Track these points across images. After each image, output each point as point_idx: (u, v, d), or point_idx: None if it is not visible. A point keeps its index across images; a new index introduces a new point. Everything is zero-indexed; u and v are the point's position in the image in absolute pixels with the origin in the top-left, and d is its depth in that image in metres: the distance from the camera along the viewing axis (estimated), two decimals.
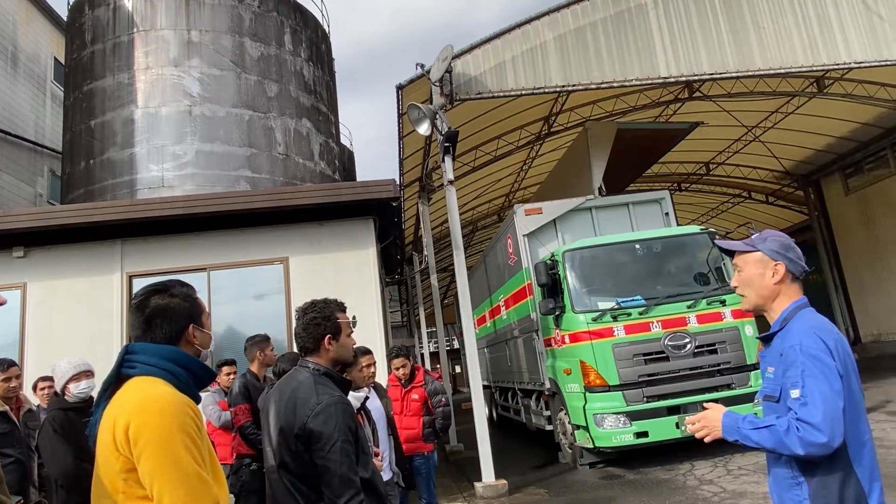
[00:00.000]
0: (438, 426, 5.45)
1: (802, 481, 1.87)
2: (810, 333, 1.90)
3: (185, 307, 1.89)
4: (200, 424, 1.70)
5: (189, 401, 1.70)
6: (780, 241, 2.07)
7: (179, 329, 1.85)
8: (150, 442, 1.57)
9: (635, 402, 7.67)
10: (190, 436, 1.61)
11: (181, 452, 1.58)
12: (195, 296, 1.95)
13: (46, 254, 7.86)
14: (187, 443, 1.60)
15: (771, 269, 2.03)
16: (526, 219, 9.71)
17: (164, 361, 1.76)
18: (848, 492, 1.83)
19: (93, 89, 12.15)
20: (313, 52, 13.93)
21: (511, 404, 12.31)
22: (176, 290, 1.91)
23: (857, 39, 10.41)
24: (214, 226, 8.04)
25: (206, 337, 1.95)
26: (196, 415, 1.69)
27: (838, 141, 18.04)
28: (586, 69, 9.87)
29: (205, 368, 1.89)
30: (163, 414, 1.61)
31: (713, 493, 6.27)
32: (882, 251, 18.43)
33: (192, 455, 1.59)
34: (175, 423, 1.60)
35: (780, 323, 2.01)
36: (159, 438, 1.57)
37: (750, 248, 2.08)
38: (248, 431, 4.70)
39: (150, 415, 1.60)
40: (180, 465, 1.57)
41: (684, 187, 21.99)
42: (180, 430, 1.60)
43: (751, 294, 2.08)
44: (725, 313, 8.00)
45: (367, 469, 2.32)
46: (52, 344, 7.27)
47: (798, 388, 1.85)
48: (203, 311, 1.95)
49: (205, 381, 1.89)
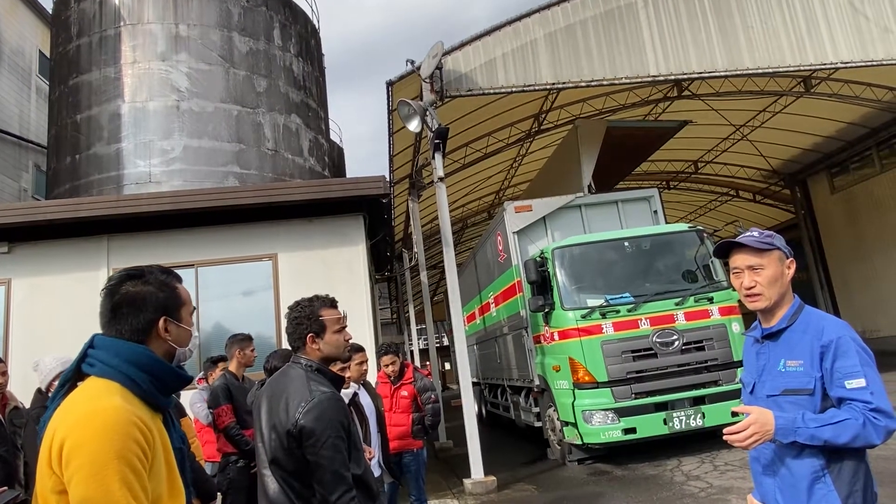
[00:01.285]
0: (428, 423, 5.45)
1: (827, 473, 1.88)
2: (845, 325, 1.94)
3: (159, 297, 1.65)
4: (149, 445, 1.47)
5: (140, 416, 1.47)
6: (781, 238, 2.10)
7: (148, 322, 1.62)
8: (81, 467, 1.38)
9: (623, 399, 7.72)
10: (129, 464, 1.40)
11: (114, 485, 1.37)
12: (174, 285, 1.71)
13: (31, 249, 7.76)
14: (124, 472, 1.39)
15: (787, 265, 2.05)
16: (516, 216, 9.73)
17: (125, 364, 1.55)
18: (868, 480, 1.89)
19: (79, 83, 12.01)
20: (302, 47, 13.85)
21: (500, 401, 12.34)
22: (151, 276, 1.67)
23: (844, 40, 10.52)
24: (202, 222, 7.98)
25: (184, 333, 1.70)
26: (146, 433, 1.46)
27: (825, 140, 18.24)
28: (576, 67, 9.89)
29: (173, 375, 1.65)
30: (101, 436, 1.40)
31: (700, 489, 6.33)
32: (867, 249, 18.66)
33: (127, 486, 1.38)
34: (112, 450, 1.39)
35: (788, 319, 2.01)
36: (92, 465, 1.37)
37: (769, 245, 2.03)
38: (233, 432, 4.67)
39: (86, 435, 1.40)
40: (111, 498, 1.37)
41: (673, 185, 22.14)
42: (117, 457, 1.39)
43: (772, 293, 2.01)
44: (713, 310, 8.06)
45: (360, 465, 2.32)
46: (37, 341, 7.18)
47: (860, 377, 1.85)
48: (183, 304, 1.71)
49: (173, 387, 1.67)
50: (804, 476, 1.90)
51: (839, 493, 1.85)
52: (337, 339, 2.47)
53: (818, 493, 1.88)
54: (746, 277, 2.05)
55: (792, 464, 1.94)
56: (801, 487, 1.91)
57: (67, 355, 3.86)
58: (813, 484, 1.89)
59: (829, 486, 1.86)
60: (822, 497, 1.87)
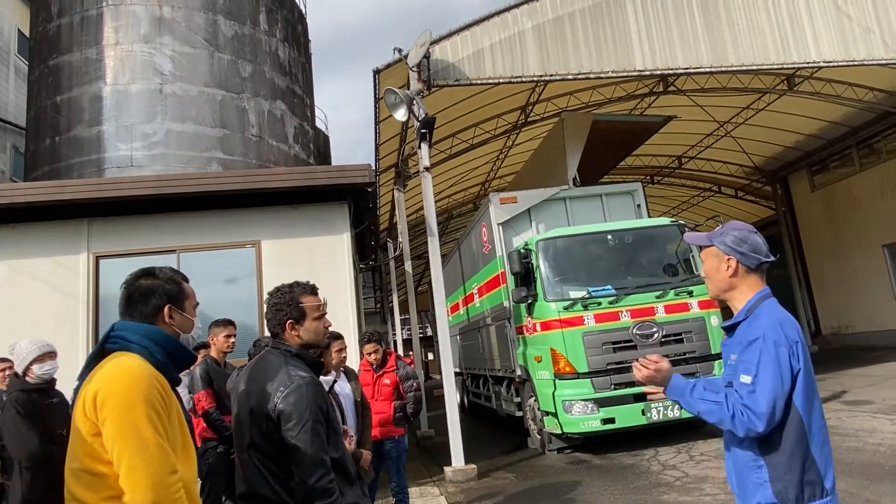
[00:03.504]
0: (410, 411, 5.48)
1: (763, 464, 1.95)
2: (775, 326, 1.97)
3: (165, 289, 1.99)
4: (168, 399, 1.78)
5: (158, 375, 1.79)
6: (734, 236, 2.11)
7: (155, 308, 1.95)
8: (114, 408, 1.67)
9: (603, 390, 7.82)
10: (154, 406, 1.70)
11: (142, 421, 1.66)
12: (181, 281, 2.06)
13: (10, 232, 7.64)
14: (149, 412, 1.68)
15: (724, 262, 2.11)
16: (501, 207, 9.76)
17: (143, 339, 1.86)
18: (808, 475, 1.91)
19: (59, 64, 11.78)
20: (289, 32, 13.70)
21: (482, 391, 12.43)
22: (161, 273, 2.03)
23: (827, 39, 10.66)
24: (185, 207, 7.90)
25: (186, 321, 2.03)
26: (164, 389, 1.77)
27: (806, 138, 18.49)
28: (564, 59, 9.92)
29: (182, 349, 1.96)
30: (129, 383, 1.70)
31: (675, 478, 6.45)
32: (844, 247, 19.00)
33: (152, 424, 1.68)
34: (139, 393, 1.69)
35: (745, 313, 2.07)
36: (122, 405, 1.67)
37: (707, 242, 2.18)
38: (212, 417, 4.67)
39: (116, 383, 1.71)
40: (140, 432, 1.65)
41: (657, 180, 22.32)
42: (144, 399, 1.69)
43: (711, 286, 2.20)
44: (692, 304, 8.18)
45: (338, 449, 2.34)
46: (16, 324, 7.08)
47: (750, 375, 1.93)
48: (187, 297, 2.05)
49: (183, 361, 1.99)
50: (746, 462, 2.01)
51: (773, 483, 1.93)
52: (316, 325, 2.48)
53: (756, 481, 1.98)
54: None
55: (737, 450, 2.06)
56: (745, 472, 2.02)
57: (43, 340, 3.83)
58: (752, 471, 1.99)
59: (765, 476, 1.95)
60: (758, 485, 1.97)
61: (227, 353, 5.01)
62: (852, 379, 12.08)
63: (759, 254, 2.09)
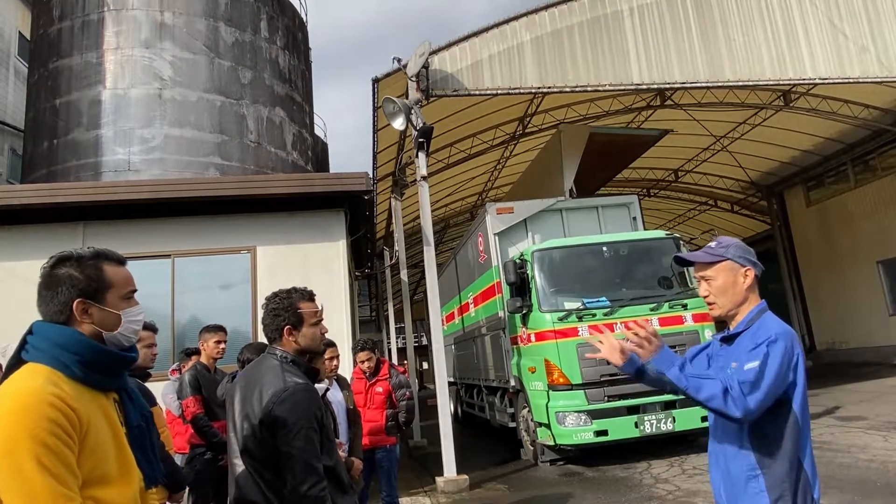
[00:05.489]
0: (402, 420, 5.47)
1: (759, 473, 1.96)
2: (786, 333, 2.00)
3: (76, 279, 1.58)
4: (75, 424, 1.43)
5: (60, 397, 1.43)
6: (742, 247, 2.15)
7: (63, 304, 1.57)
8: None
9: (596, 401, 7.82)
10: (43, 443, 1.36)
11: (27, 464, 1.34)
12: (101, 266, 1.63)
13: (5, 234, 7.62)
14: (38, 452, 1.35)
15: (742, 274, 2.10)
16: (497, 217, 9.79)
17: (53, 347, 1.53)
18: (799, 484, 1.94)
19: (59, 67, 11.80)
20: (289, 40, 13.77)
21: (476, 401, 12.39)
22: (76, 259, 1.61)
23: (823, 56, 10.75)
24: (181, 212, 7.90)
25: (109, 317, 1.61)
26: (67, 414, 1.42)
27: (802, 154, 18.61)
28: (561, 72, 9.98)
29: (106, 355, 1.60)
30: (11, 417, 1.37)
31: (668, 492, 6.43)
32: (839, 262, 19.07)
33: (41, 466, 1.35)
34: (23, 429, 1.36)
35: (746, 324, 2.08)
36: (3, 446, 1.35)
37: (718, 257, 2.12)
38: (201, 423, 4.63)
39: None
40: (24, 477, 1.34)
41: (653, 193, 22.42)
42: (29, 436, 1.36)
43: (725, 301, 2.11)
44: (686, 317, 8.20)
45: (331, 457, 2.33)
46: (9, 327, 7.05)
47: (757, 361, 1.93)
48: (110, 286, 1.63)
49: (110, 367, 1.62)
50: (741, 473, 2.00)
51: (769, 492, 1.93)
52: (313, 332, 2.48)
53: (751, 491, 1.97)
54: (702, 287, 2.18)
55: (731, 461, 2.04)
56: (738, 483, 2.01)
57: None
58: (748, 482, 1.98)
59: (761, 486, 1.95)
60: (754, 495, 1.96)
61: (217, 359, 4.99)
62: (845, 394, 12.10)
63: (759, 264, 2.15)
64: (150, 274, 7.66)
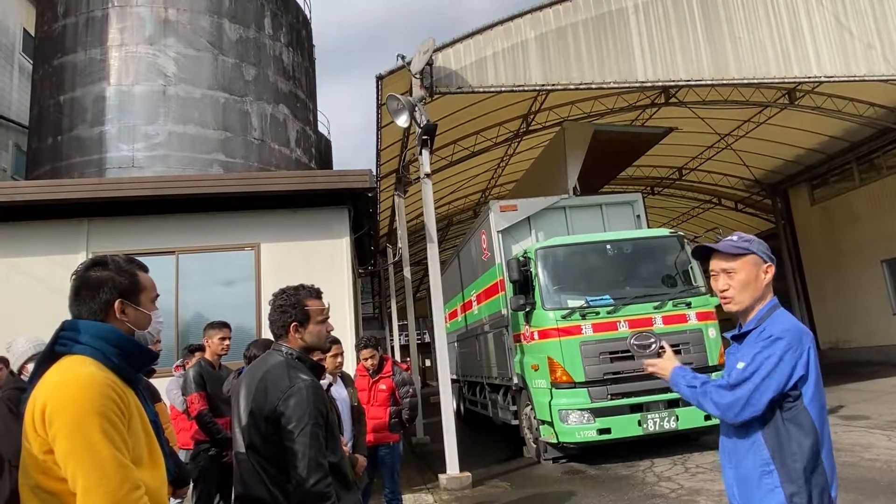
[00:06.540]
0: (405, 417, 5.47)
1: (774, 468, 1.93)
2: (791, 330, 1.98)
3: (117, 281, 1.79)
4: (126, 406, 1.62)
5: (114, 381, 1.63)
6: (761, 242, 2.12)
7: (104, 303, 1.76)
8: (64, 424, 1.53)
9: (600, 400, 7.80)
10: (108, 418, 1.55)
11: (95, 436, 1.52)
12: (135, 272, 1.85)
13: (9, 230, 7.64)
14: (104, 426, 1.54)
15: (763, 270, 2.07)
16: (501, 215, 9.77)
17: (94, 339, 1.69)
18: (818, 479, 1.92)
19: (63, 63, 11.82)
20: (293, 37, 13.77)
21: (479, 399, 12.39)
22: (112, 263, 1.82)
23: (828, 54, 10.69)
24: (185, 209, 7.91)
25: (142, 316, 1.84)
26: (121, 396, 1.62)
27: (807, 152, 18.54)
28: (566, 69, 9.95)
29: (139, 348, 1.79)
30: (79, 395, 1.55)
31: (671, 490, 6.43)
32: (843, 261, 19.01)
33: (108, 438, 1.53)
34: (91, 406, 1.54)
35: (756, 322, 2.06)
36: (73, 421, 1.52)
37: (743, 250, 2.07)
38: (205, 419, 4.63)
39: (65, 396, 1.56)
40: (94, 448, 1.51)
41: (657, 191, 22.36)
42: (96, 412, 1.54)
43: (744, 297, 2.06)
44: (690, 315, 8.18)
45: (336, 454, 2.33)
46: (12, 323, 7.07)
47: (745, 361, 1.95)
48: (143, 289, 1.85)
49: (141, 361, 1.81)
50: (754, 468, 1.97)
51: (785, 489, 1.91)
52: (319, 329, 2.49)
53: (765, 487, 1.94)
54: (721, 280, 2.11)
55: (744, 457, 2.02)
56: (752, 480, 1.98)
57: (40, 338, 3.82)
58: (762, 477, 1.96)
59: (776, 481, 1.92)
60: (769, 491, 1.93)
61: (221, 355, 4.99)
62: (849, 394, 12.07)
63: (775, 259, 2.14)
64: (153, 271, 7.47)
